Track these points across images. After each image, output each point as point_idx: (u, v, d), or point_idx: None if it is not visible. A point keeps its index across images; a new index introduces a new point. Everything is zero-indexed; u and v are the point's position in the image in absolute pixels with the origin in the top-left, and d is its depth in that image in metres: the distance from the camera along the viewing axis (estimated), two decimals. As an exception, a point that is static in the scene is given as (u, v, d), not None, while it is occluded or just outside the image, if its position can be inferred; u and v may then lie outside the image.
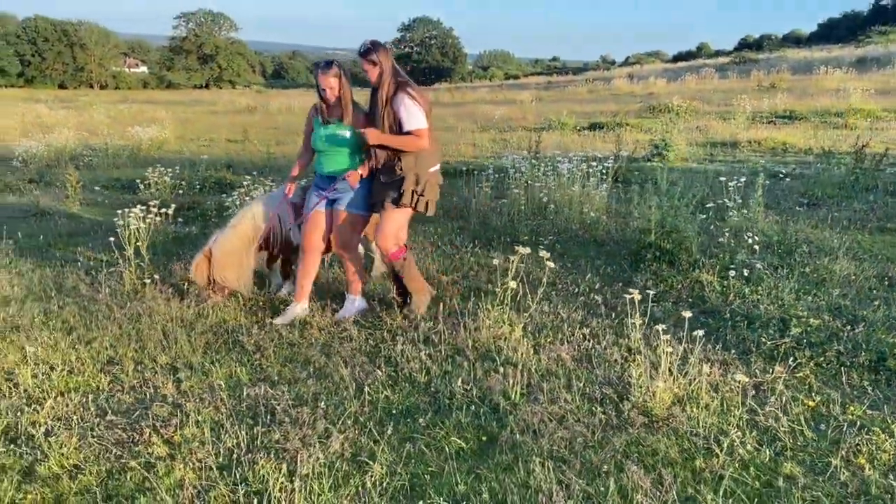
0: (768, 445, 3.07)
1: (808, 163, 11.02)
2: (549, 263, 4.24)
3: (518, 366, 3.75)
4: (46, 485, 2.89)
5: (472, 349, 4.09)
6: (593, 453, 3.03)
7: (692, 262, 5.48)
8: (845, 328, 4.20)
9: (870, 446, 3.03)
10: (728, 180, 7.12)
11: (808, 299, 4.73)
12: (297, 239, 4.93)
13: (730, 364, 3.86)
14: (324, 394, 3.63)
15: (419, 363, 3.92)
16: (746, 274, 5.08)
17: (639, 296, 3.67)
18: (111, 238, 5.47)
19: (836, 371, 3.76)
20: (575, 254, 6.13)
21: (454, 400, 3.52)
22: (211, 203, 8.61)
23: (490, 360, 3.95)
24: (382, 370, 3.86)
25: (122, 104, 32.29)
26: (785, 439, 3.11)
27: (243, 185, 7.97)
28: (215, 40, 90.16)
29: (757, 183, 6.74)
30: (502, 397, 3.52)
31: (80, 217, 8.34)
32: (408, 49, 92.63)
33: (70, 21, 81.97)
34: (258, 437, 3.19)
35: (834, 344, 3.98)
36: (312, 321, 4.59)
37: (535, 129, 16.79)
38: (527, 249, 4.20)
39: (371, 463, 2.97)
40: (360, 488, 2.82)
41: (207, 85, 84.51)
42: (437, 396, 3.59)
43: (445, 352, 4.08)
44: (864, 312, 4.47)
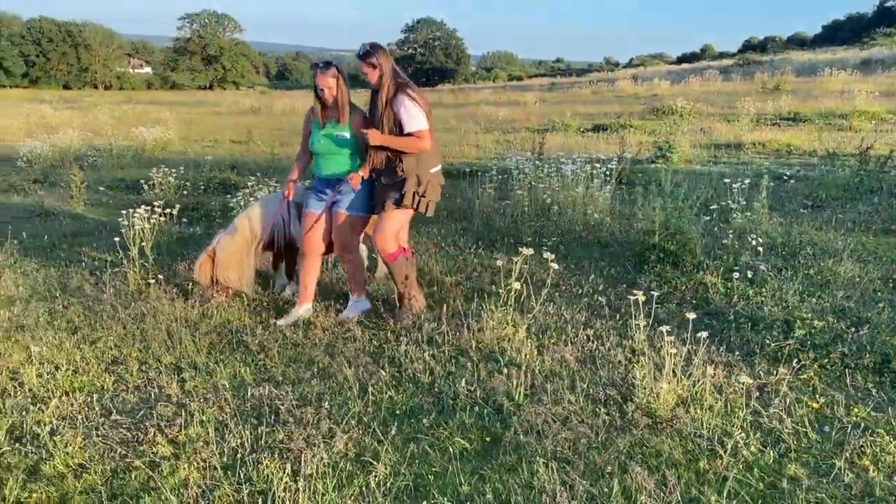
0: (772, 447, 3.06)
1: (812, 165, 11.00)
2: (553, 265, 4.24)
3: (522, 367, 3.75)
4: (51, 484, 2.90)
5: (475, 350, 4.09)
6: (597, 454, 3.03)
7: (696, 264, 5.48)
8: (849, 330, 4.19)
9: (874, 448, 3.03)
10: (732, 182, 7.12)
11: (812, 301, 4.72)
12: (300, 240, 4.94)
13: (734, 366, 3.86)
14: (328, 394, 3.64)
15: (423, 364, 3.93)
16: (750, 276, 5.08)
17: (643, 297, 3.67)
18: (115, 238, 5.49)
19: (840, 373, 3.75)
20: (578, 255, 6.13)
21: (458, 401, 3.53)
22: (215, 204, 8.64)
23: (494, 361, 3.95)
24: (386, 370, 3.87)
25: (127, 105, 32.41)
26: (789, 441, 3.11)
27: (247, 185, 7.97)
28: (219, 41, 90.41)
29: (761, 185, 6.74)
30: (506, 398, 3.52)
31: (85, 217, 8.37)
32: (411, 50, 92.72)
33: (74, 22, 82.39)
34: (262, 437, 3.20)
35: (838, 346, 3.98)
36: (316, 322, 4.60)
37: (539, 130, 16.78)
38: (530, 251, 4.20)
39: (375, 463, 2.97)
40: (363, 488, 2.83)
41: (211, 86, 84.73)
42: (441, 397, 3.59)
43: (449, 353, 4.09)
44: (869, 314, 4.46)
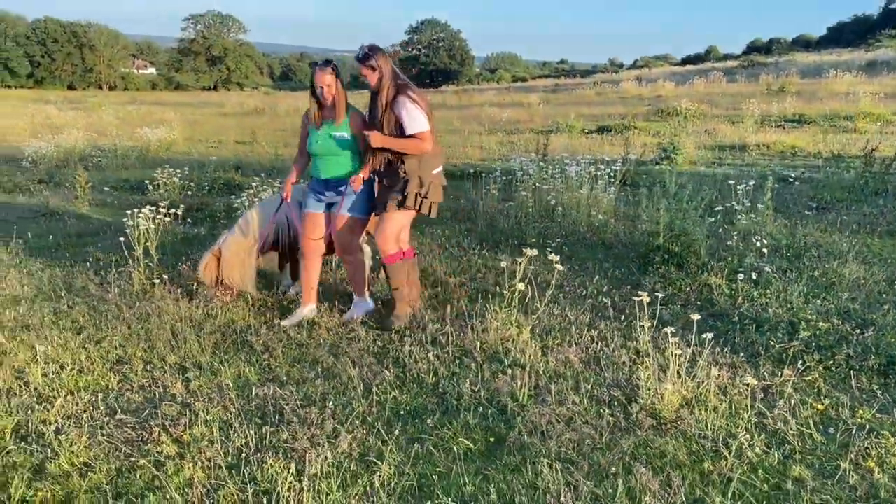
0: (777, 448, 3.06)
1: (817, 166, 10.97)
2: (557, 266, 4.24)
3: (526, 367, 3.75)
4: (57, 482, 2.91)
5: (479, 351, 4.10)
6: (601, 455, 3.02)
7: (701, 266, 5.47)
8: (854, 332, 4.18)
9: (879, 450, 3.02)
10: (737, 184, 7.11)
11: (817, 303, 4.71)
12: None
13: (738, 367, 3.86)
14: (332, 394, 3.64)
15: (427, 364, 3.93)
16: (755, 277, 5.07)
17: (647, 298, 3.66)
18: (120, 238, 5.50)
19: (845, 375, 3.74)
20: (583, 256, 6.13)
21: (462, 401, 3.53)
22: (220, 204, 8.66)
23: (498, 362, 3.95)
24: (390, 371, 3.87)
25: (131, 105, 32.52)
26: (794, 442, 3.10)
27: (252, 186, 7.99)
28: (224, 42, 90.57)
29: (766, 186, 6.72)
30: (510, 399, 3.52)
31: (90, 217, 8.40)
32: (415, 51, 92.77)
33: (79, 22, 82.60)
34: (267, 437, 3.21)
35: (843, 347, 3.97)
36: (320, 322, 4.61)
37: (543, 131, 16.77)
38: (534, 252, 4.20)
39: (379, 463, 2.98)
40: (368, 488, 2.83)
41: (216, 87, 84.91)
42: (445, 397, 3.59)
43: (453, 353, 4.09)
44: (874, 316, 4.45)
